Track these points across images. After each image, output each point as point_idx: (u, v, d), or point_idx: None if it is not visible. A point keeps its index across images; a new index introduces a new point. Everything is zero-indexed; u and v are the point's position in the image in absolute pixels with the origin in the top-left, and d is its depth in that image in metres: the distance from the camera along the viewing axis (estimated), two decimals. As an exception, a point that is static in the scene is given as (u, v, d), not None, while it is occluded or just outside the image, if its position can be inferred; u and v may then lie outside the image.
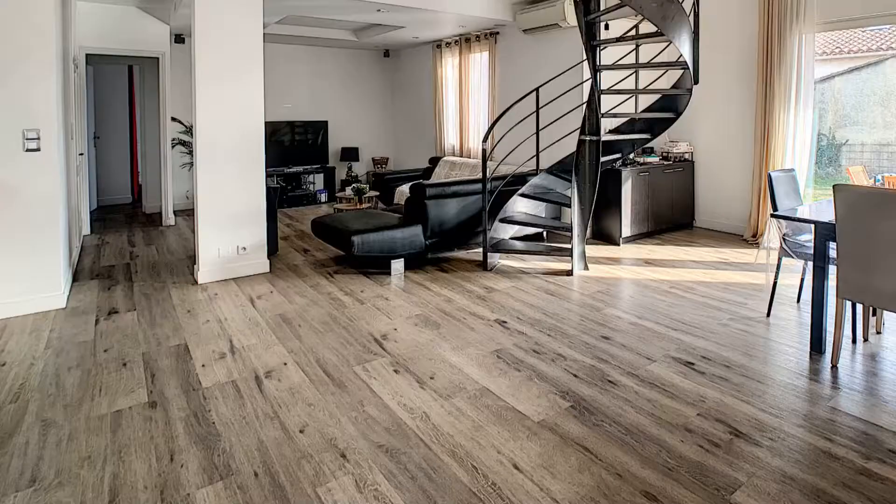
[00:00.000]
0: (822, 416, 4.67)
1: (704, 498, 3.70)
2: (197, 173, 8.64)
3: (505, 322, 6.91)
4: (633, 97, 9.92)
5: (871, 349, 6.04)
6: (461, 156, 14.96)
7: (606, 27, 11.24)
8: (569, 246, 9.20)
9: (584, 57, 9.14)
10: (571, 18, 10.71)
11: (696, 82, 8.46)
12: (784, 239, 6.94)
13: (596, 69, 8.83)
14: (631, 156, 11.38)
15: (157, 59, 13.12)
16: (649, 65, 9.00)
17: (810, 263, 6.38)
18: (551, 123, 10.10)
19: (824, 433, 4.41)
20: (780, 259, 7.10)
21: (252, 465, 4.09)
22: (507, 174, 10.30)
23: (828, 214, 5.89)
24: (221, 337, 6.55)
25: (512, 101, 10.50)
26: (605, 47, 9.38)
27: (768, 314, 7.06)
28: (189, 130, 13.76)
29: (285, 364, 5.78)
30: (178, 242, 11.23)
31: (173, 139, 13.77)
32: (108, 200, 15.95)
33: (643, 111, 9.88)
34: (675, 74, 9.92)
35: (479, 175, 10.53)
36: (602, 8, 8.86)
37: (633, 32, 9.18)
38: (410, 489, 3.83)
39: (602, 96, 9.02)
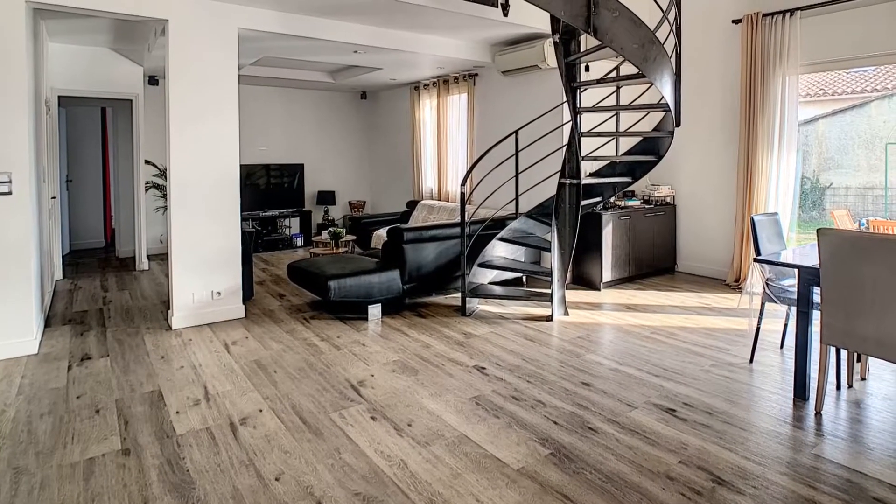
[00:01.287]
0: (805, 463, 4.67)
1: (687, 546, 3.70)
2: (171, 217, 8.63)
3: (484, 368, 6.91)
4: (614, 140, 9.97)
5: (855, 396, 6.05)
6: (439, 199, 15.01)
7: (587, 69, 11.25)
8: (548, 291, 9.20)
9: (565, 99, 9.17)
10: (551, 60, 10.69)
11: (678, 125, 8.46)
12: (767, 284, 6.96)
13: (576, 111, 8.86)
14: (612, 199, 11.35)
15: (131, 101, 13.10)
16: (630, 107, 9.02)
17: (794, 308, 6.40)
18: (531, 166, 10.16)
19: (808, 481, 4.42)
20: (763, 304, 7.12)
21: (227, 514, 4.08)
22: (486, 218, 10.35)
23: (812, 259, 5.92)
24: (196, 383, 6.53)
25: (491, 143, 10.56)
26: (586, 89, 9.43)
27: (751, 360, 7.07)
28: (163, 173, 13.73)
29: (261, 411, 5.77)
30: (152, 287, 11.20)
31: (147, 182, 13.75)
32: (80, 244, 15.88)
33: (624, 154, 9.85)
34: (656, 117, 10.00)
35: (458, 219, 10.54)
36: (582, 49, 8.90)
37: (614, 74, 9.25)
38: (388, 538, 3.82)
39: (582, 139, 9.05)
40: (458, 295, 10.14)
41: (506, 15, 9.77)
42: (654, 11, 8.90)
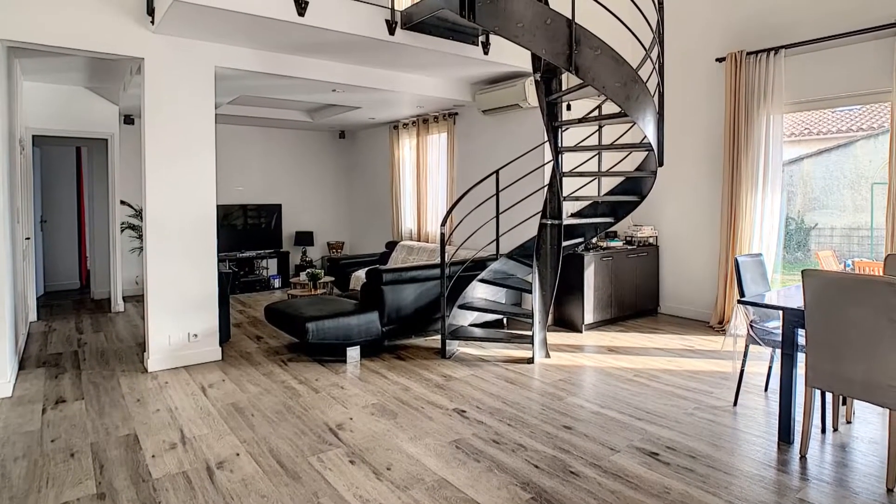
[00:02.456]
0: (790, 507, 4.67)
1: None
2: (147, 258, 8.61)
3: (464, 411, 6.90)
4: (596, 179, 9.97)
5: (840, 439, 6.06)
6: (419, 240, 14.98)
7: (568, 107, 11.30)
8: (530, 333, 9.20)
9: (546, 138, 9.19)
10: (532, 99, 10.77)
11: (661, 164, 8.46)
12: (751, 326, 6.97)
13: (558, 151, 8.87)
14: (594, 240, 11.37)
15: (106, 140, 13.06)
16: (613, 146, 9.00)
17: (778, 351, 6.42)
18: (512, 207, 10.22)
19: (793, 525, 4.42)
20: (747, 346, 7.12)
21: (202, 560, 4.05)
22: (466, 259, 10.36)
23: (796, 300, 5.93)
24: (172, 426, 6.50)
25: (471, 183, 10.59)
26: (568, 128, 9.44)
27: (735, 403, 7.08)
28: (139, 214, 13.70)
29: (238, 454, 5.74)
30: (128, 329, 11.15)
31: (123, 223, 13.69)
32: (55, 286, 15.79)
33: (606, 194, 9.86)
34: (639, 156, 10.03)
35: (438, 260, 10.55)
36: (564, 88, 8.93)
37: (596, 113, 9.26)
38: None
39: (564, 179, 9.08)
40: (438, 337, 10.17)
41: (486, 53, 9.83)
42: (636, 50, 8.96)
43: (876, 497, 4.83)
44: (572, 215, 10.20)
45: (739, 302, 6.48)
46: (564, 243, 9.23)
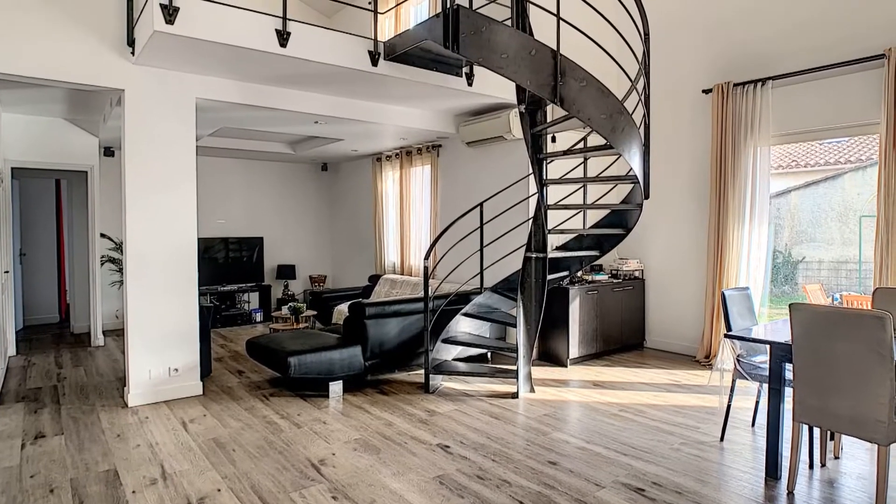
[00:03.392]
0: (778, 543, 4.66)
1: None
2: (127, 291, 8.59)
3: (448, 446, 6.88)
4: (582, 212, 9.98)
5: (828, 475, 6.05)
6: (402, 273, 14.95)
7: (553, 139, 11.34)
8: (514, 367, 9.21)
9: (531, 170, 9.21)
10: (517, 131, 10.77)
11: (647, 197, 8.43)
12: (738, 360, 6.96)
13: (542, 183, 8.89)
14: (579, 273, 11.38)
15: (86, 172, 13.03)
16: (598, 179, 9.01)
17: (765, 385, 6.42)
18: (496, 240, 10.20)
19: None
20: (733, 381, 7.12)
21: None
22: (450, 293, 10.37)
23: (784, 334, 5.93)
24: (152, 462, 6.46)
25: (455, 215, 10.59)
26: (552, 160, 9.44)
27: (722, 438, 7.07)
28: (119, 247, 13.72)
29: (219, 490, 5.71)
30: (108, 364, 11.10)
31: (103, 256, 13.67)
32: (34, 320, 15.74)
33: (592, 227, 9.85)
34: (624, 188, 10.02)
35: (421, 293, 10.53)
36: (549, 120, 8.95)
37: (581, 145, 9.26)
38: None
39: (549, 211, 9.10)
40: (422, 371, 10.13)
41: (470, 84, 9.85)
42: (622, 81, 9.00)
43: (865, 533, 4.82)
44: (557, 248, 10.22)
45: (726, 336, 6.48)
46: (549, 277, 9.24)
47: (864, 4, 9.04)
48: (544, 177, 8.98)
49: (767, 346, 6.08)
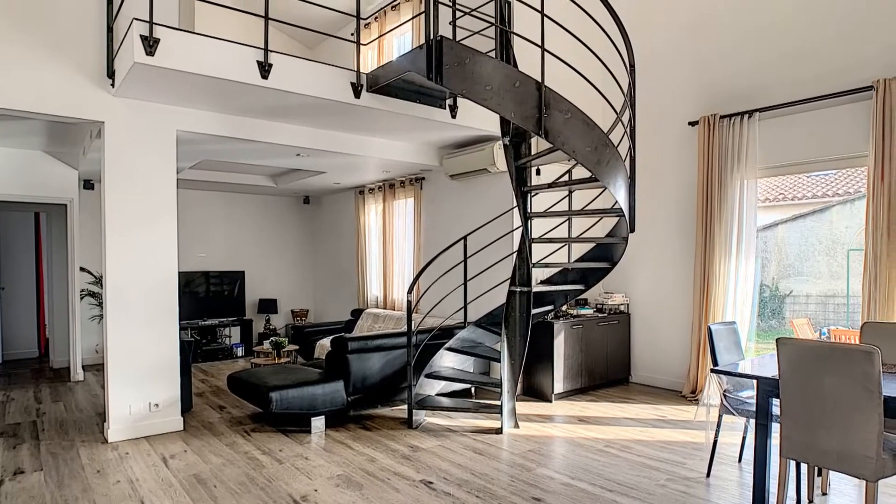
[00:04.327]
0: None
1: None
2: (107, 326, 8.54)
3: (431, 483, 6.85)
4: (567, 246, 9.97)
5: (816, 510, 6.04)
6: (385, 308, 14.92)
7: (538, 172, 11.33)
8: (498, 402, 9.16)
9: (515, 203, 9.21)
10: (501, 163, 10.78)
11: (633, 230, 8.43)
12: (725, 395, 6.96)
13: (527, 216, 8.88)
14: (564, 308, 11.38)
15: (66, 205, 13.03)
16: (583, 212, 9.00)
17: (752, 421, 6.40)
18: (480, 273, 10.23)
19: None
20: (720, 416, 7.11)
21: None
22: (434, 327, 10.36)
23: (771, 369, 5.92)
24: (132, 498, 6.42)
25: (439, 249, 10.58)
26: (537, 193, 9.45)
27: (708, 474, 7.05)
28: (99, 281, 13.71)
29: (198, 527, 5.67)
30: (88, 399, 11.04)
31: (82, 290, 13.63)
32: (13, 355, 15.64)
33: (577, 260, 9.88)
34: (610, 222, 10.03)
35: (404, 328, 10.50)
36: (533, 152, 8.95)
37: (566, 178, 9.27)
38: None
39: (534, 245, 9.09)
40: (405, 407, 10.10)
41: (454, 117, 9.86)
42: (608, 113, 9.02)
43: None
44: (542, 282, 10.20)
45: (713, 371, 6.47)
46: (534, 311, 9.22)
47: (851, 36, 9.10)
48: (529, 210, 8.98)
49: (754, 381, 6.07)
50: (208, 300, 16.39)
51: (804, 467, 6.40)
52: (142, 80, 7.74)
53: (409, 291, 9.39)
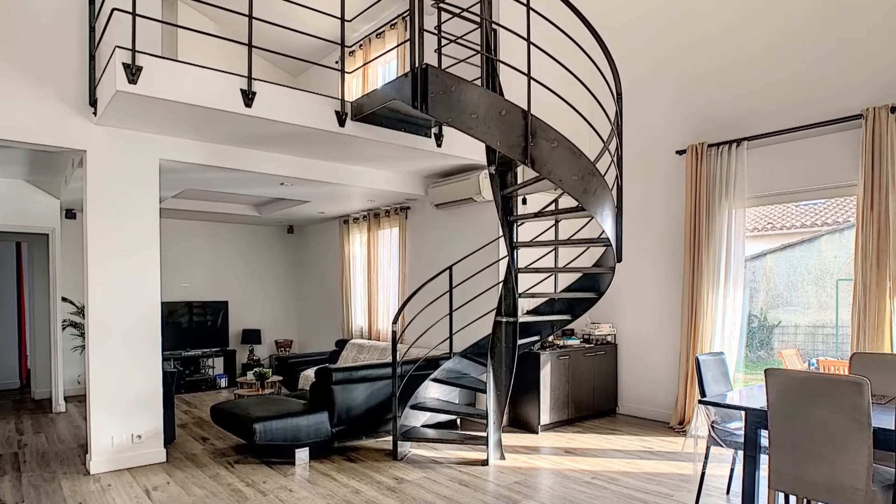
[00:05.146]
0: None
1: None
2: (89, 356, 8.49)
3: (417, 515, 6.82)
4: (553, 276, 9.94)
5: (806, 542, 6.01)
6: (370, 338, 14.89)
7: (524, 201, 11.33)
8: (484, 434, 9.12)
9: (501, 233, 9.19)
10: (487, 192, 10.76)
11: (620, 260, 8.42)
12: (713, 426, 6.94)
13: (513, 246, 8.87)
14: (550, 338, 11.36)
15: (47, 235, 12.99)
16: (570, 241, 9.00)
17: (741, 452, 6.40)
18: (466, 304, 10.21)
19: None
20: (708, 448, 7.09)
21: None
22: (419, 358, 10.31)
23: (759, 401, 5.91)
24: (113, 532, 6.39)
25: (424, 279, 10.53)
26: (523, 223, 9.44)
27: (696, 506, 7.03)
28: (81, 311, 13.61)
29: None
30: (69, 430, 10.99)
31: (64, 321, 13.56)
32: (-7, 385, 15.57)
33: (563, 290, 9.80)
34: (597, 251, 10.02)
35: (389, 359, 10.48)
36: (519, 181, 8.95)
37: (552, 207, 9.25)
38: None
39: (520, 275, 9.06)
40: (390, 438, 9.99)
41: (439, 145, 9.85)
42: (594, 141, 9.01)
43: None
44: (528, 312, 10.12)
45: (700, 402, 6.45)
46: (520, 341, 9.18)
47: (840, 64, 9.13)
48: (515, 239, 8.98)
49: (742, 413, 6.06)
50: (191, 330, 16.34)
51: (793, 499, 6.36)
52: (124, 109, 7.73)
53: (395, 322, 9.41)
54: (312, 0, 8.90)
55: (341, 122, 8.86)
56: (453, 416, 10.78)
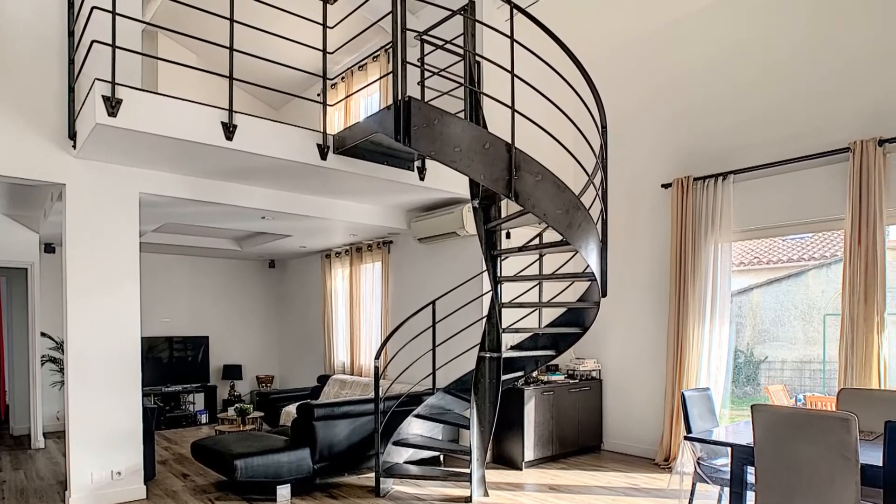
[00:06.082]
0: None
1: None
2: (68, 392, 8.44)
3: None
4: (537, 310, 9.91)
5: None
6: (352, 374, 14.86)
7: (508, 235, 11.33)
8: (467, 470, 9.06)
9: (485, 267, 9.17)
10: (470, 226, 10.70)
11: (605, 295, 8.42)
12: (699, 463, 6.93)
13: (497, 280, 8.87)
14: (534, 374, 11.27)
15: (26, 269, 12.97)
16: (554, 276, 9.02)
17: (727, 489, 6.38)
18: (449, 339, 10.13)
19: None
20: (694, 484, 7.07)
21: None
22: (402, 393, 10.26)
23: (746, 437, 5.90)
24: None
25: (407, 313, 10.49)
26: (507, 257, 9.43)
27: (682, 543, 7.00)
28: (60, 346, 13.50)
29: None
30: (49, 467, 10.94)
31: (43, 356, 13.53)
32: (-29, 422, 15.39)
33: (547, 326, 9.80)
34: (581, 286, 9.99)
35: (372, 394, 10.43)
36: (503, 215, 8.94)
37: (536, 241, 9.23)
38: None
39: (504, 309, 9.03)
40: (373, 475, 9.87)
41: (422, 179, 9.83)
42: (579, 175, 8.99)
43: None
44: (512, 348, 10.11)
45: (686, 438, 6.44)
46: (504, 377, 9.13)
47: (827, 97, 9.15)
48: (498, 274, 8.97)
49: (729, 449, 6.05)
50: (172, 366, 16.31)
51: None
52: (104, 142, 7.70)
53: (377, 357, 9.37)
54: (294, 32, 8.90)
55: (323, 156, 8.84)
56: (436, 453, 10.70)
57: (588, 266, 7.97)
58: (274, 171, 9.19)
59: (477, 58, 9.17)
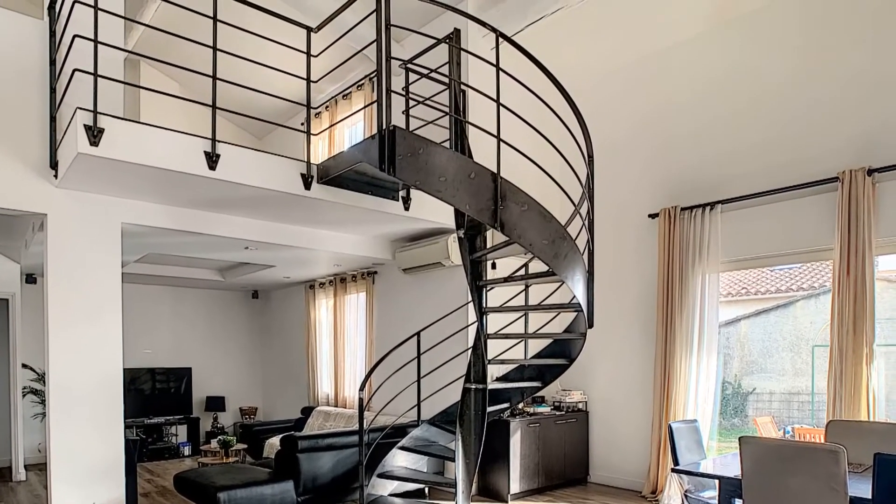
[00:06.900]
0: None
1: None
2: (50, 424, 8.38)
3: (383, 588, 6.75)
4: (523, 342, 9.90)
5: None
6: (336, 405, 14.83)
7: (493, 266, 11.34)
8: (453, 503, 9.02)
9: (470, 298, 9.14)
10: (456, 257, 10.76)
11: (591, 325, 8.33)
12: (686, 495, 6.92)
13: (482, 311, 8.80)
14: (520, 405, 11.31)
15: (7, 300, 12.97)
16: (540, 307, 9.02)
17: (715, 522, 6.36)
18: (434, 370, 10.11)
19: None
20: (681, 517, 7.06)
21: None
22: (386, 425, 10.25)
23: (733, 469, 5.89)
24: None
25: (392, 344, 10.46)
26: (493, 288, 9.40)
27: (670, 578, 6.98)
28: (41, 378, 13.37)
29: None
30: (30, 499, 10.91)
31: (24, 387, 13.49)
32: (-50, 455, 15.33)
33: (533, 357, 9.75)
34: (568, 317, 9.98)
35: (356, 426, 10.41)
36: (489, 245, 8.92)
37: (522, 271, 9.21)
38: None
39: (489, 341, 9.00)
40: (357, 508, 9.92)
41: (407, 209, 9.82)
42: (565, 205, 8.98)
43: None
44: (497, 379, 10.02)
45: (674, 470, 6.44)
46: (489, 409, 9.04)
47: (816, 127, 9.19)
48: (484, 305, 8.91)
49: (716, 481, 6.04)
50: (154, 398, 16.27)
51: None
52: (86, 171, 7.67)
53: (361, 389, 9.32)
54: (278, 61, 8.90)
55: (307, 185, 8.82)
56: (422, 485, 10.66)
57: (574, 297, 7.92)
58: (257, 200, 9.17)
59: (462, 86, 9.16)
